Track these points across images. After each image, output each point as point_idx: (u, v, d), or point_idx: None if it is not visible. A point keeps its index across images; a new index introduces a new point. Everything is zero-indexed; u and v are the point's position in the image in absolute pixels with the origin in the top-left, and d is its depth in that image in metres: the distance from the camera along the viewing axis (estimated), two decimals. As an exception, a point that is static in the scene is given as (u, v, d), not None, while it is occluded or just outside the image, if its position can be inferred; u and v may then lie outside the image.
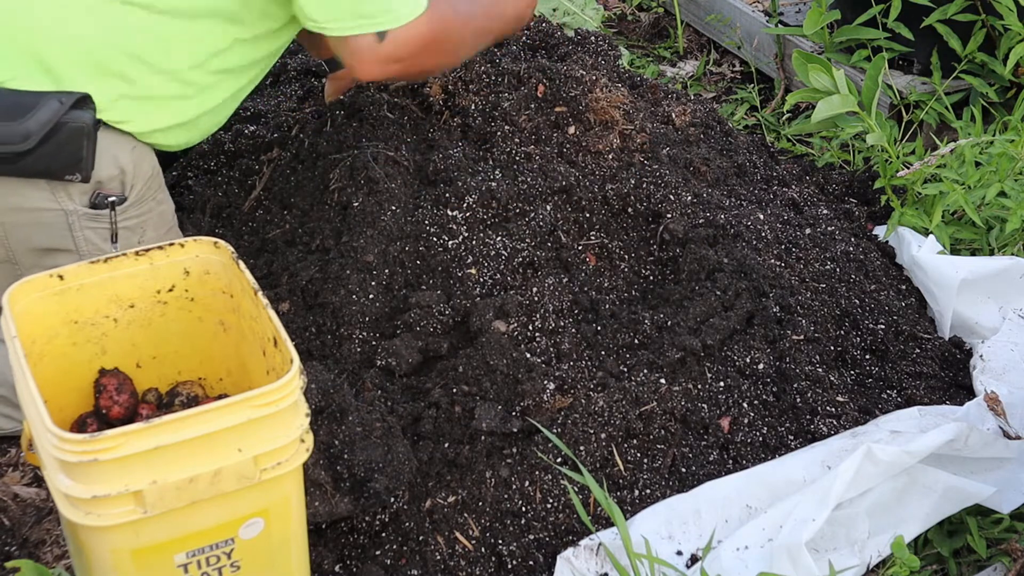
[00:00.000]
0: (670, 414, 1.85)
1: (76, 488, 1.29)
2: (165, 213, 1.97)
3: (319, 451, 1.66)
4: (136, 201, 1.88)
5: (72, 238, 1.83)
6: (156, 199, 1.94)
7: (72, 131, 1.74)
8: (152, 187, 1.92)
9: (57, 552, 1.81)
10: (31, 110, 1.71)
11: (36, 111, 1.71)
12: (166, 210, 1.98)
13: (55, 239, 1.83)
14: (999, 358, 2.06)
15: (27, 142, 1.71)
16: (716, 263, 2.04)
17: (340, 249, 2.01)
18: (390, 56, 1.84)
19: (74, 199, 1.81)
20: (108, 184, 1.83)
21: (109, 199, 1.83)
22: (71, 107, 1.73)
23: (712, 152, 2.38)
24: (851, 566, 1.71)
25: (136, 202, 1.88)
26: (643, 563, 1.64)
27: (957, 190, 2.25)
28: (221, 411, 1.32)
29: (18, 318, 1.46)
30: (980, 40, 2.73)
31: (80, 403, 1.62)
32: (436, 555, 1.70)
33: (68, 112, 1.73)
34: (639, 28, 3.52)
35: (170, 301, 1.62)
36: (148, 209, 1.92)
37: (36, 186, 1.78)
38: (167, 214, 1.99)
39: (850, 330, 2.07)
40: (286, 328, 1.46)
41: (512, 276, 1.98)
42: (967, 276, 2.13)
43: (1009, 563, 1.75)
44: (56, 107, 1.72)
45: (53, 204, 1.81)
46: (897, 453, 1.73)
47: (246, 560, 1.44)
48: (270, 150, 2.28)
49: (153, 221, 1.93)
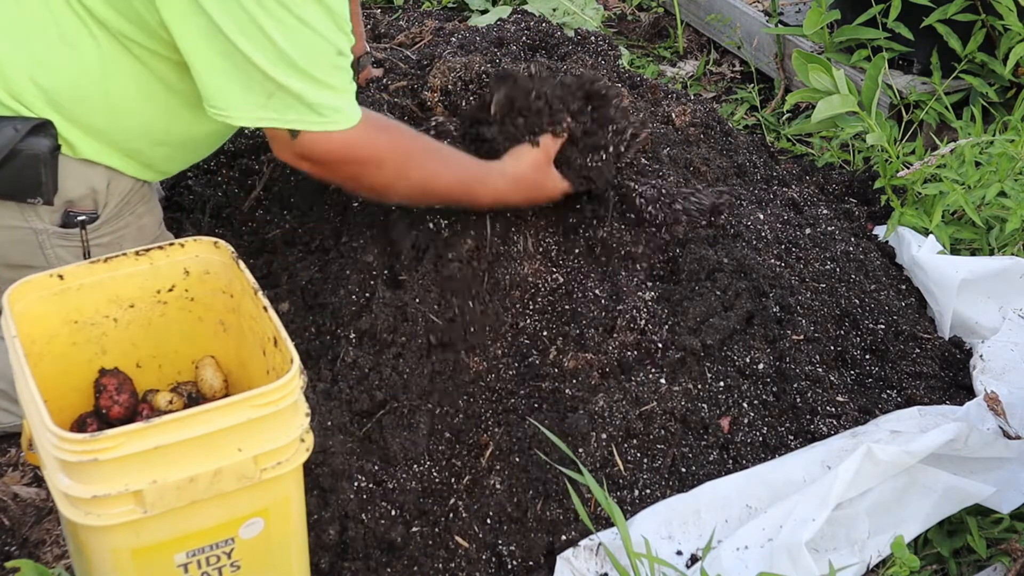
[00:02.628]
0: (670, 414, 1.85)
1: (76, 488, 1.29)
2: (146, 227, 1.94)
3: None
4: (110, 218, 1.85)
5: (43, 256, 1.82)
6: (136, 213, 1.91)
7: (27, 158, 1.71)
8: (132, 202, 1.89)
9: (57, 552, 1.81)
10: None
11: None
12: (148, 223, 1.95)
13: (26, 256, 1.81)
14: (999, 358, 2.05)
15: None
16: (716, 263, 2.04)
17: (340, 249, 2.01)
18: (301, 155, 1.73)
19: (43, 218, 1.79)
20: (79, 203, 1.81)
21: (79, 218, 1.81)
22: (27, 133, 1.70)
23: (712, 152, 2.38)
24: (851, 565, 1.71)
25: (110, 219, 1.85)
26: (643, 563, 1.64)
27: (957, 190, 2.25)
28: (221, 411, 1.32)
29: (18, 318, 1.46)
30: (980, 40, 2.73)
31: (80, 403, 1.62)
32: (436, 555, 1.71)
33: (24, 139, 1.70)
34: (639, 28, 3.52)
35: (170, 301, 1.62)
36: (125, 224, 1.89)
37: (5, 205, 1.76)
38: (149, 227, 1.95)
39: (850, 330, 2.07)
40: (286, 328, 1.46)
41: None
42: (967, 276, 2.13)
43: (1009, 563, 1.75)
44: (11, 134, 1.69)
45: (22, 223, 1.79)
46: (897, 453, 1.73)
47: (246, 560, 1.44)
48: (270, 150, 2.28)
49: (132, 235, 1.90)
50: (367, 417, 1.82)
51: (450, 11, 3.42)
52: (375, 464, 1.77)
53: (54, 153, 1.74)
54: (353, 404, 1.82)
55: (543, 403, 1.86)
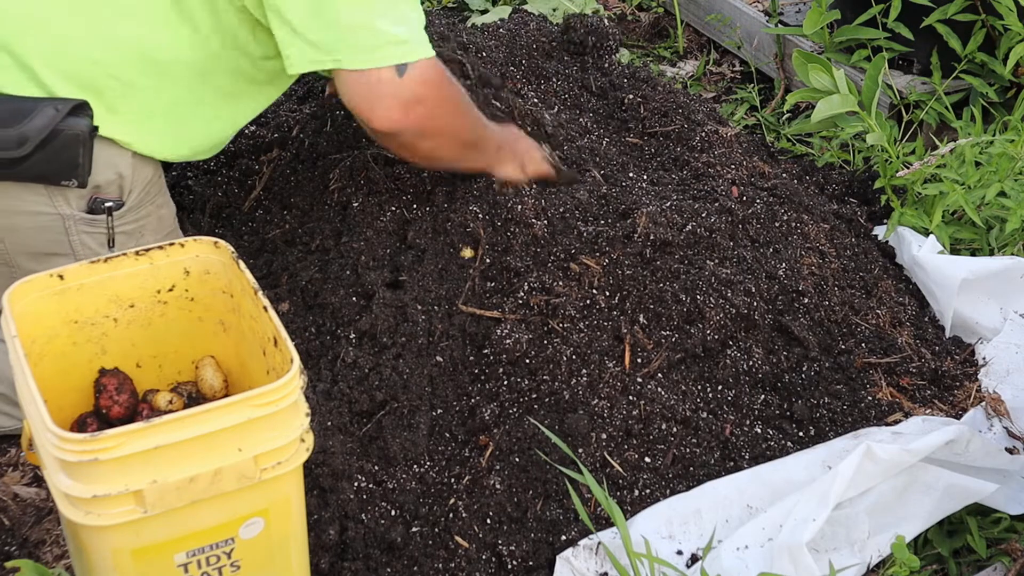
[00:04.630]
0: (670, 414, 1.85)
1: (76, 488, 1.29)
2: (165, 217, 1.97)
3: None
4: (134, 206, 1.88)
5: (69, 243, 1.83)
6: (155, 203, 1.93)
7: (68, 138, 1.73)
8: (152, 192, 1.91)
9: (57, 552, 1.81)
10: (27, 116, 1.71)
11: (32, 117, 1.71)
12: (166, 214, 1.98)
13: (52, 243, 1.83)
14: (1002, 360, 2.05)
15: (23, 148, 1.71)
16: (716, 263, 2.04)
17: (340, 249, 2.01)
18: (414, 95, 1.73)
19: (71, 204, 1.81)
20: (106, 189, 1.83)
21: (106, 204, 1.83)
22: (67, 114, 1.73)
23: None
24: (851, 565, 1.71)
25: (134, 207, 1.88)
26: (643, 563, 1.64)
27: (957, 190, 2.25)
28: (221, 411, 1.32)
29: (18, 318, 1.46)
30: (980, 40, 2.73)
31: (80, 403, 1.62)
32: (436, 555, 1.71)
33: (64, 119, 1.72)
34: (639, 28, 3.52)
35: (170, 301, 1.62)
36: (147, 214, 1.91)
37: (33, 191, 1.78)
38: (167, 218, 1.98)
39: (850, 329, 2.07)
40: (286, 328, 1.46)
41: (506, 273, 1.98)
42: (967, 276, 2.13)
43: (1009, 563, 1.75)
44: (52, 114, 1.72)
45: (50, 208, 1.80)
46: (897, 452, 1.73)
47: (246, 560, 1.44)
48: (270, 150, 2.28)
49: (152, 225, 1.93)
50: (367, 417, 1.82)
51: (450, 11, 3.42)
52: (375, 464, 1.77)
53: (93, 134, 1.76)
54: (353, 404, 1.82)
55: (543, 403, 1.86)
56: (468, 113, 1.92)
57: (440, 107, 1.82)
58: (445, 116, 1.85)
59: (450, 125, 1.87)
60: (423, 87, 1.76)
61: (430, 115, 1.80)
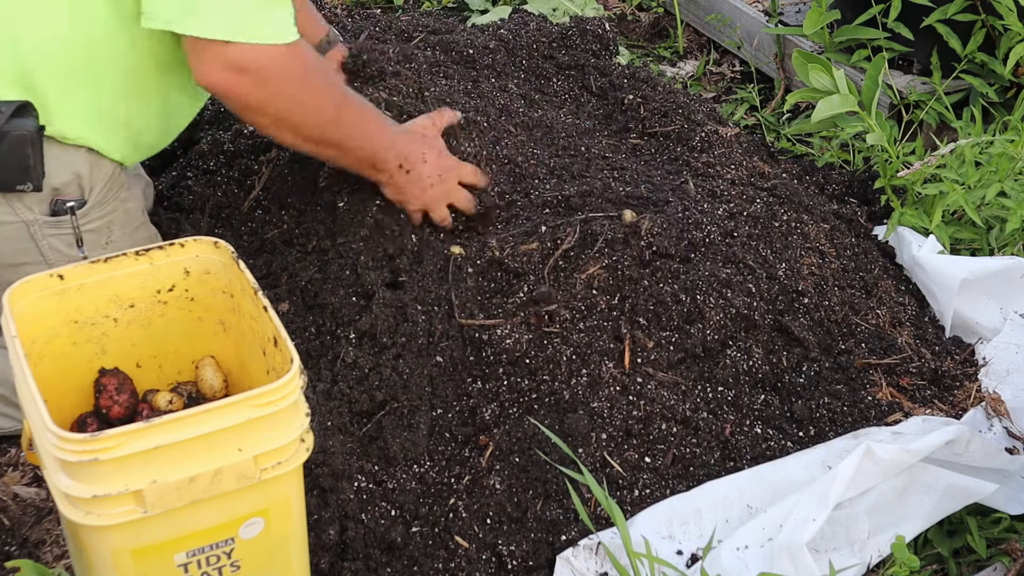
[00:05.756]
0: (670, 414, 1.85)
1: (76, 488, 1.29)
2: (132, 211, 1.94)
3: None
4: (98, 203, 1.85)
5: (38, 248, 1.81)
6: (120, 198, 1.91)
7: (15, 140, 1.70)
8: (114, 186, 1.89)
9: (57, 552, 1.81)
10: None
11: None
12: (132, 207, 1.95)
13: (20, 252, 1.81)
14: (1002, 360, 2.05)
15: None
16: (717, 263, 2.04)
17: (339, 249, 2.01)
18: (235, 64, 1.68)
19: (33, 209, 1.79)
20: (65, 190, 1.81)
21: (68, 204, 1.80)
22: (11, 116, 1.70)
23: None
24: (851, 565, 1.71)
25: (98, 203, 1.85)
26: (643, 562, 1.64)
27: (957, 190, 2.25)
28: (221, 411, 1.32)
29: (18, 318, 1.46)
30: (980, 40, 2.73)
31: (80, 403, 1.62)
32: (436, 555, 1.70)
33: (8, 121, 1.69)
34: (639, 28, 3.52)
35: (170, 301, 1.62)
36: (112, 209, 1.89)
37: None
38: (134, 211, 1.95)
39: (850, 329, 2.07)
40: (286, 328, 1.46)
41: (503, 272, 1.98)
42: (967, 276, 2.13)
43: (1009, 563, 1.75)
44: None
45: (12, 217, 1.78)
46: (897, 452, 1.73)
47: (246, 560, 1.44)
48: (269, 150, 2.28)
49: (120, 220, 1.90)
50: (367, 417, 1.82)
51: (450, 11, 3.42)
52: (375, 464, 1.77)
53: (40, 133, 1.73)
54: (353, 404, 1.82)
55: (543, 403, 1.86)
56: (317, 104, 1.81)
57: (270, 84, 1.73)
58: (277, 94, 1.76)
59: (284, 105, 1.79)
60: (251, 62, 1.69)
61: (255, 87, 1.73)
